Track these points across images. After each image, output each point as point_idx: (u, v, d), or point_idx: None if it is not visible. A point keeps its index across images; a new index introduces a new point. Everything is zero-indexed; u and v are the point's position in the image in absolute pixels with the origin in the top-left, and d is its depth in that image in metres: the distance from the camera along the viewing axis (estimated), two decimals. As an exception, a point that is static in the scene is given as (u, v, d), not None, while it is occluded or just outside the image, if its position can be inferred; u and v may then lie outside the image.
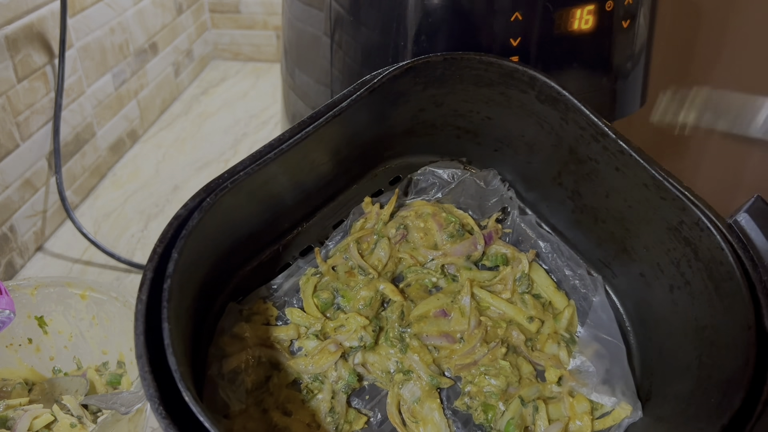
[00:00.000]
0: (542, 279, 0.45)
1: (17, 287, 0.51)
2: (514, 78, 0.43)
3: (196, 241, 0.34)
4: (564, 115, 0.43)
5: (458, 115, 0.47)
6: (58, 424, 0.46)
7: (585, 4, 0.49)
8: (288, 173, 0.41)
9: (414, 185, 0.48)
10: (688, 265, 0.40)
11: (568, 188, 0.46)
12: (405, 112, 0.45)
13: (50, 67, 0.73)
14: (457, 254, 0.44)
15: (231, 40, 1.21)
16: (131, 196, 0.83)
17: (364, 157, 0.46)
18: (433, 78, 0.44)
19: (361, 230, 0.44)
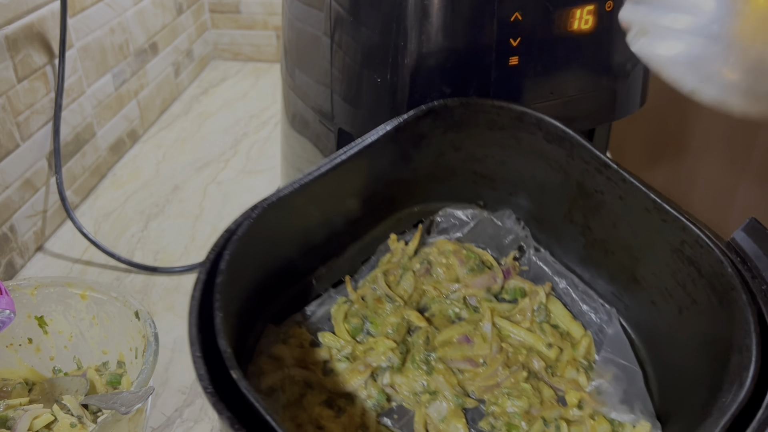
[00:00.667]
0: (559, 310, 0.48)
1: (17, 287, 0.51)
2: (523, 121, 0.47)
3: (241, 251, 0.37)
4: (570, 152, 0.46)
5: (475, 160, 0.50)
6: (59, 423, 0.46)
7: (585, 4, 0.49)
8: (320, 205, 0.44)
9: (435, 226, 0.51)
10: (693, 284, 0.42)
11: (579, 224, 0.49)
12: (427, 156, 0.49)
13: (50, 67, 0.73)
14: (478, 286, 0.47)
15: (231, 40, 1.21)
16: (131, 196, 0.83)
17: (390, 199, 0.49)
18: (451, 122, 0.47)
19: (387, 263, 0.47)
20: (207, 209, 0.80)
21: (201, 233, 0.76)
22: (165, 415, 0.53)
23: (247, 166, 0.89)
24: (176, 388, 0.56)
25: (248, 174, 0.88)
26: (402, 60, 0.48)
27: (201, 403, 0.54)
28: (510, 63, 0.48)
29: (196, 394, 0.55)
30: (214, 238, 0.79)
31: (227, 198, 0.82)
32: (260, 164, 0.90)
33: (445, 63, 0.47)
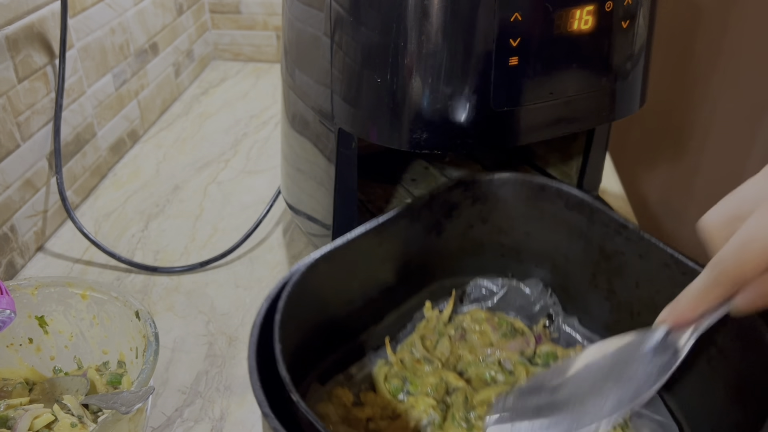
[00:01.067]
0: None
1: (18, 287, 0.51)
2: (545, 191, 0.51)
3: (294, 299, 0.40)
4: (590, 217, 0.49)
5: (501, 232, 0.53)
6: (59, 423, 0.46)
7: (584, 4, 0.49)
8: (363, 264, 0.47)
9: (467, 296, 0.53)
10: (718, 333, 0.42)
11: (603, 288, 0.51)
12: (457, 227, 0.52)
13: (51, 67, 0.73)
14: (512, 350, 0.49)
15: (231, 40, 1.21)
16: (132, 196, 0.83)
17: (423, 270, 0.52)
18: (479, 193, 0.51)
19: (424, 329, 0.49)
20: (207, 209, 0.80)
21: (201, 233, 0.76)
22: (165, 415, 0.53)
23: (247, 166, 0.89)
24: (176, 388, 0.56)
25: (248, 174, 0.88)
26: (402, 60, 0.48)
27: (201, 403, 0.54)
28: (510, 63, 0.48)
29: (196, 393, 0.55)
30: (215, 238, 0.80)
31: (227, 198, 0.82)
32: (260, 164, 0.90)
33: (445, 63, 0.48)
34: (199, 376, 0.57)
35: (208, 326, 0.62)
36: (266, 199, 0.81)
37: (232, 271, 0.70)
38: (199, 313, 0.64)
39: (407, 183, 0.80)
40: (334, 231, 0.62)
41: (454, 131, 0.50)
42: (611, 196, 0.80)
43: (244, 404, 0.54)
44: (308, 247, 0.73)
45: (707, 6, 1.22)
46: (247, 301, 0.65)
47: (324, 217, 0.63)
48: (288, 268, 0.70)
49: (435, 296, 0.53)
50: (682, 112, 1.33)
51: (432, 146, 0.50)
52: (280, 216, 0.79)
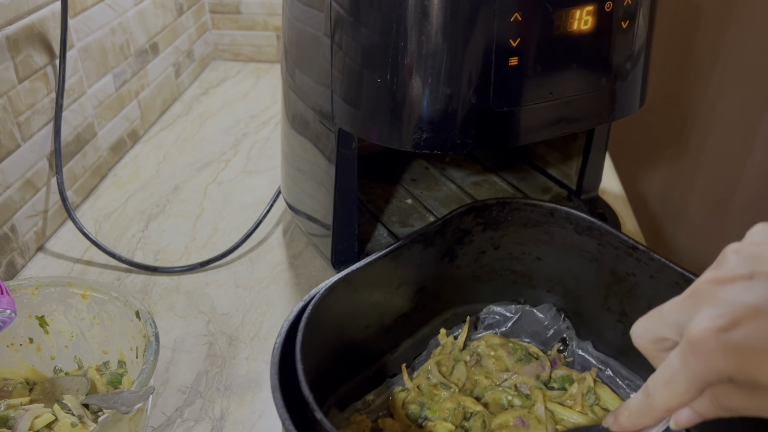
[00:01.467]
0: (607, 393, 0.50)
1: (18, 287, 0.51)
2: (554, 216, 0.51)
3: (313, 322, 0.41)
4: (599, 240, 0.50)
5: (513, 258, 0.54)
6: (59, 423, 0.46)
7: (584, 4, 0.49)
8: (379, 288, 0.47)
9: (481, 322, 0.54)
10: None
11: (616, 311, 0.51)
12: (469, 253, 0.52)
13: (51, 67, 0.73)
14: (528, 374, 0.49)
15: (231, 40, 1.21)
16: (132, 196, 0.83)
17: (438, 297, 0.52)
18: (490, 219, 0.51)
19: (439, 355, 0.50)
20: (207, 209, 0.80)
21: (201, 233, 0.76)
22: (165, 415, 0.53)
23: (247, 166, 0.89)
24: (177, 388, 0.56)
25: (249, 174, 0.88)
26: (402, 60, 0.48)
27: (201, 402, 0.54)
28: (510, 63, 0.48)
29: (196, 393, 0.55)
30: (215, 238, 0.80)
31: (228, 198, 0.82)
32: (260, 164, 0.90)
33: (445, 63, 0.48)
34: (199, 376, 0.57)
35: (209, 326, 0.62)
36: (266, 199, 0.81)
37: (233, 271, 0.70)
38: (199, 313, 0.64)
39: (407, 183, 0.80)
40: (334, 231, 0.63)
41: (454, 131, 0.50)
42: (611, 196, 0.80)
43: (244, 404, 0.54)
44: (308, 247, 0.73)
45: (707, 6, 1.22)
46: (247, 301, 0.65)
47: (324, 217, 0.63)
48: (288, 268, 0.70)
49: (449, 324, 0.53)
50: (681, 112, 1.33)
51: (432, 146, 0.50)
52: (280, 216, 0.79)
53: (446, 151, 0.51)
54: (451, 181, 0.80)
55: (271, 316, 0.64)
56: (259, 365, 0.58)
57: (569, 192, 0.76)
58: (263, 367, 0.58)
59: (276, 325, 0.62)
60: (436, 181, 0.80)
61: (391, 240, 0.69)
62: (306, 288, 0.67)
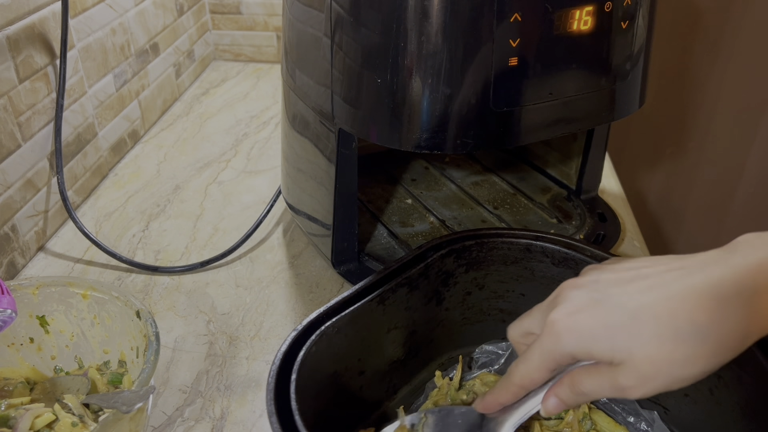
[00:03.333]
0: (602, 418, 0.50)
1: (19, 287, 0.51)
2: (531, 251, 0.52)
3: (307, 367, 0.41)
4: (575, 270, 0.50)
5: (498, 297, 0.54)
6: (60, 423, 0.46)
7: (584, 5, 0.49)
8: (369, 330, 0.47)
9: (475, 362, 0.55)
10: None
11: None
12: (455, 295, 0.53)
13: (51, 67, 0.73)
14: None
15: (232, 41, 1.21)
16: (132, 196, 0.83)
17: (431, 342, 0.53)
18: (471, 260, 0.52)
19: (436, 396, 0.50)
20: (208, 209, 0.80)
21: (202, 233, 0.76)
22: (166, 414, 0.54)
23: (247, 167, 0.90)
24: (177, 387, 0.56)
25: (249, 174, 0.88)
26: (402, 61, 0.48)
27: (201, 402, 0.55)
28: (509, 63, 0.48)
29: (196, 393, 0.55)
30: (215, 238, 0.80)
31: (228, 198, 0.82)
32: (261, 164, 0.90)
33: (444, 64, 0.48)
34: (199, 376, 0.57)
35: (209, 326, 0.62)
36: (266, 199, 0.81)
37: (233, 270, 0.70)
38: (199, 312, 0.64)
39: (407, 183, 0.80)
40: (335, 231, 0.63)
41: (454, 131, 0.50)
42: (610, 196, 0.80)
43: (245, 404, 0.54)
44: (308, 247, 0.73)
45: (707, 6, 1.22)
46: (248, 301, 0.66)
47: (324, 217, 0.63)
48: (288, 268, 0.70)
49: (444, 367, 0.54)
50: (681, 112, 1.33)
51: (432, 146, 0.51)
52: (280, 216, 0.79)
53: (446, 151, 0.51)
54: (451, 181, 0.80)
55: (271, 315, 0.64)
56: (260, 365, 0.58)
57: (569, 192, 0.76)
58: (263, 366, 0.58)
59: (276, 325, 0.62)
60: (436, 181, 0.80)
61: (391, 240, 0.69)
62: (306, 288, 0.67)
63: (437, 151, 0.51)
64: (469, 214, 0.73)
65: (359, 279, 0.64)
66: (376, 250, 0.68)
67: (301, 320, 0.62)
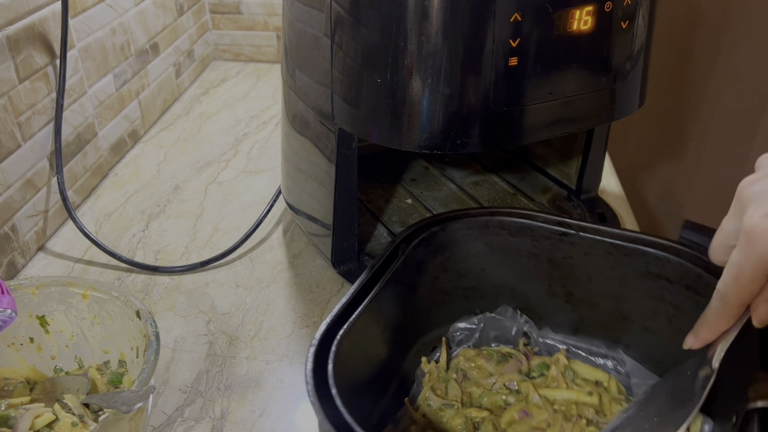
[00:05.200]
0: (580, 366, 0.54)
1: (19, 287, 0.51)
2: (489, 227, 0.54)
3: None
4: (533, 237, 0.53)
5: (461, 276, 0.56)
6: (60, 423, 0.46)
7: (584, 4, 0.49)
8: (371, 335, 0.48)
9: (453, 341, 0.57)
10: (669, 293, 0.50)
11: (561, 294, 0.55)
12: (426, 282, 0.54)
13: (51, 67, 0.73)
14: (511, 372, 0.53)
15: (232, 40, 1.21)
16: (132, 196, 0.83)
17: (406, 331, 0.54)
18: (437, 246, 0.53)
19: (430, 381, 0.52)
20: (208, 209, 0.80)
21: (202, 233, 0.76)
22: (166, 414, 0.54)
23: (247, 166, 0.90)
24: (177, 387, 0.56)
25: (249, 174, 0.88)
26: (402, 60, 0.48)
27: (201, 402, 0.55)
28: (509, 63, 0.48)
29: (196, 393, 0.55)
30: (215, 237, 0.80)
31: (228, 198, 0.82)
32: (261, 164, 0.90)
33: (444, 63, 0.48)
34: (199, 376, 0.57)
35: (209, 326, 0.62)
36: (266, 199, 0.81)
37: (233, 270, 0.70)
38: (199, 312, 0.64)
39: (407, 183, 0.80)
40: (335, 231, 0.63)
41: (454, 131, 0.50)
42: (610, 196, 0.80)
43: (245, 403, 0.54)
44: (308, 247, 0.73)
45: (707, 6, 1.22)
46: (248, 301, 0.66)
47: (324, 216, 0.63)
48: (288, 268, 0.70)
49: (422, 353, 0.55)
50: (681, 112, 1.33)
51: (432, 146, 0.51)
52: (280, 216, 0.79)
53: (446, 151, 0.51)
54: (451, 181, 0.80)
55: (271, 315, 0.64)
56: (260, 365, 0.58)
57: (569, 192, 0.76)
58: (263, 366, 0.58)
59: (276, 325, 0.62)
60: (436, 181, 0.80)
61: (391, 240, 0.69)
62: (306, 288, 0.67)
63: (437, 151, 0.51)
64: (469, 214, 0.73)
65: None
66: (376, 250, 0.68)
67: (302, 320, 0.63)
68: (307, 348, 0.60)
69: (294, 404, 0.54)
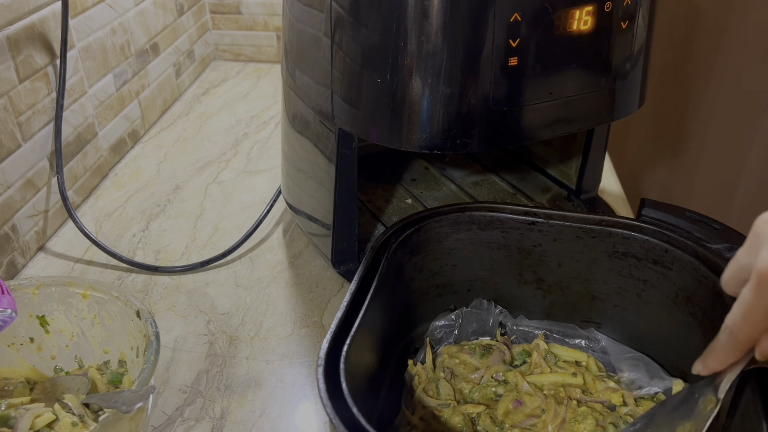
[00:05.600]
0: (559, 349, 0.55)
1: (19, 287, 0.51)
2: (459, 223, 0.54)
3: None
4: (502, 229, 0.55)
5: (434, 274, 0.57)
6: (60, 423, 0.46)
7: (584, 5, 0.49)
8: (370, 345, 0.48)
9: (433, 340, 0.57)
10: (637, 269, 0.52)
11: (532, 281, 0.57)
12: (403, 283, 0.54)
13: (52, 67, 0.73)
14: (496, 363, 0.54)
15: (232, 41, 1.21)
16: (132, 196, 0.83)
17: (387, 337, 0.54)
18: (412, 247, 0.54)
19: (420, 383, 0.53)
20: (208, 209, 0.80)
21: (202, 233, 0.76)
22: (166, 414, 0.54)
23: (247, 166, 0.90)
24: (177, 387, 0.56)
25: (249, 174, 0.88)
26: (402, 61, 0.48)
27: (202, 402, 0.55)
28: (509, 63, 0.48)
29: (196, 393, 0.55)
30: (215, 237, 0.80)
31: (228, 198, 0.82)
32: (261, 164, 0.90)
33: (444, 63, 0.48)
34: (199, 376, 0.57)
35: (209, 326, 0.63)
36: (266, 199, 0.81)
37: (233, 270, 0.70)
38: (199, 312, 0.64)
39: (407, 183, 0.80)
40: (335, 231, 0.63)
41: (454, 131, 0.50)
42: (610, 196, 0.80)
43: (245, 403, 0.54)
44: (308, 247, 0.73)
45: (706, 6, 1.22)
46: (248, 301, 0.66)
47: (324, 216, 0.63)
48: (288, 268, 0.70)
49: (403, 356, 0.55)
50: (681, 112, 1.33)
51: (432, 146, 0.51)
52: (280, 216, 0.79)
53: (446, 151, 0.51)
54: (451, 181, 0.80)
55: (271, 315, 0.64)
56: (260, 365, 0.58)
57: (569, 192, 0.76)
58: (263, 366, 0.58)
59: (276, 325, 0.62)
60: (436, 181, 0.80)
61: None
62: (306, 287, 0.67)
63: (437, 151, 0.51)
64: (469, 214, 0.73)
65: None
66: (376, 250, 0.68)
67: (302, 320, 0.63)
68: (307, 348, 0.60)
69: (294, 404, 0.55)
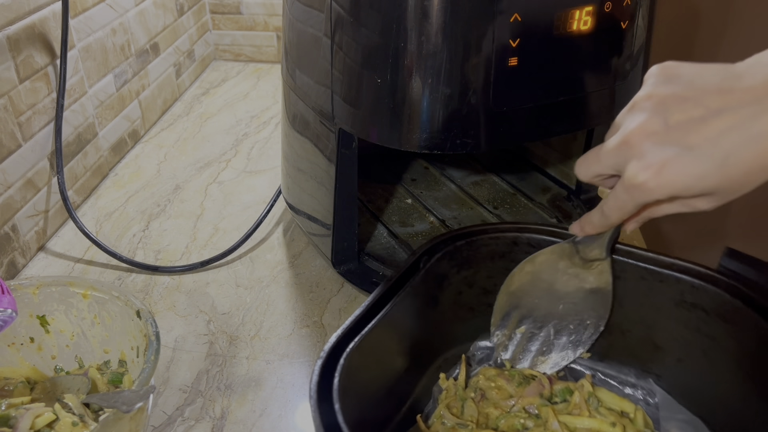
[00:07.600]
0: (606, 394, 0.51)
1: (19, 286, 0.51)
2: (518, 244, 0.52)
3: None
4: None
5: (487, 292, 0.54)
6: (60, 422, 0.46)
7: (584, 5, 0.49)
8: (384, 347, 0.47)
9: (473, 359, 0.55)
10: (705, 324, 0.47)
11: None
12: (449, 296, 0.53)
13: (52, 67, 0.73)
14: (532, 395, 0.51)
15: (232, 41, 1.21)
16: (133, 196, 0.83)
17: (428, 346, 0.53)
18: (461, 260, 0.52)
19: (446, 399, 0.51)
20: (208, 209, 0.80)
21: (202, 233, 0.76)
22: (166, 414, 0.54)
23: (248, 166, 0.90)
24: (177, 387, 0.56)
25: (249, 174, 0.88)
26: (402, 61, 0.48)
27: (202, 401, 0.55)
28: (509, 64, 0.48)
29: (196, 392, 0.55)
30: (216, 237, 0.80)
31: (228, 198, 0.82)
32: (261, 164, 0.90)
33: (444, 64, 0.48)
34: (200, 375, 0.57)
35: (209, 325, 0.63)
36: (267, 199, 0.81)
37: (233, 270, 0.70)
38: (200, 312, 0.64)
39: (407, 183, 0.80)
40: (335, 231, 0.63)
41: (454, 131, 0.50)
42: (611, 196, 0.80)
43: (245, 403, 0.54)
44: (308, 247, 0.73)
45: (706, 7, 1.22)
46: (248, 301, 0.66)
47: (324, 216, 0.63)
48: (288, 268, 0.70)
49: (442, 369, 0.54)
50: (681, 112, 1.32)
51: (432, 146, 0.51)
52: (280, 216, 0.79)
53: (446, 151, 0.51)
54: (451, 181, 0.80)
55: (271, 315, 0.64)
56: (260, 364, 0.58)
57: (569, 192, 0.76)
58: (263, 366, 0.58)
59: (276, 325, 0.63)
60: (436, 181, 0.80)
61: (391, 240, 0.69)
62: (306, 287, 0.67)
63: (437, 151, 0.51)
64: (469, 214, 0.73)
65: (359, 279, 0.65)
66: (376, 250, 0.68)
67: (302, 320, 0.63)
68: (308, 348, 0.60)
69: (294, 404, 0.55)
